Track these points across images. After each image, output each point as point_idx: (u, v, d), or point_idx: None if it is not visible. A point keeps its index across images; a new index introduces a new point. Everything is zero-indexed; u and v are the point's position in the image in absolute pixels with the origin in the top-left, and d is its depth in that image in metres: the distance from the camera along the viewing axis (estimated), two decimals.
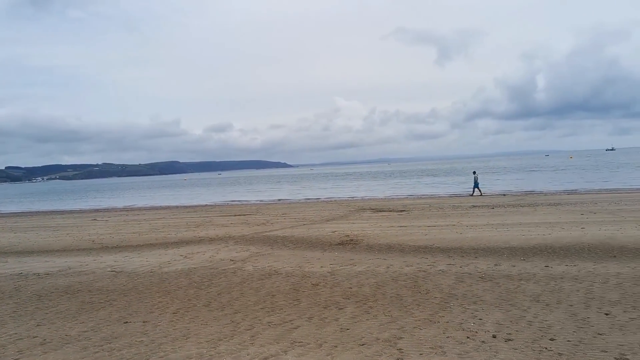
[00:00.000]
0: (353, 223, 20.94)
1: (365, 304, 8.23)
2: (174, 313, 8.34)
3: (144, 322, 7.92)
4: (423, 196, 42.58)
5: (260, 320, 7.66)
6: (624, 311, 7.04)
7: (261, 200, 49.82)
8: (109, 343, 6.95)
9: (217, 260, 13.15)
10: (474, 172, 41.08)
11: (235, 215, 28.89)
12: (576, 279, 9.06)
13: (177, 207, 45.63)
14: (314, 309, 8.12)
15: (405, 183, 73.03)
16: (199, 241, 17.37)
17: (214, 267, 12.25)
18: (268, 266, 11.95)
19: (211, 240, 17.49)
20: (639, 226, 15.05)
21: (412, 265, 11.06)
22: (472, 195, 38.30)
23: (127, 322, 7.99)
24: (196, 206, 44.73)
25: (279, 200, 49.49)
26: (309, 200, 45.98)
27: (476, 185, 38.66)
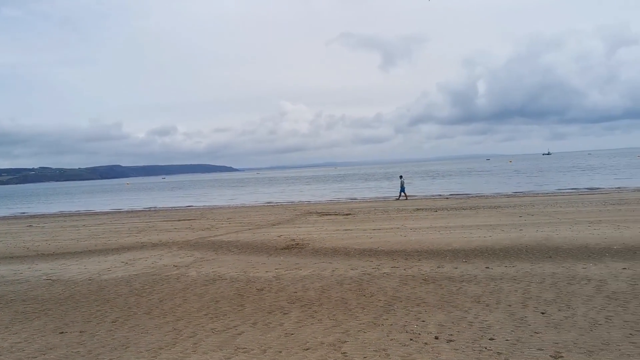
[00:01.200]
0: (299, 227, 20.90)
1: (310, 308, 8.20)
2: (112, 322, 8.07)
3: (80, 332, 7.63)
4: (368, 199, 42.99)
5: (203, 327, 7.51)
6: (559, 310, 7.28)
7: (206, 205, 49.11)
8: (44, 354, 6.66)
9: (159, 267, 12.84)
10: (401, 177, 41.96)
11: (179, 220, 28.35)
12: (514, 279, 9.32)
13: (118, 212, 44.41)
14: (259, 314, 8.03)
15: (351, 186, 73.63)
16: (141, 247, 16.93)
17: (157, 273, 11.96)
18: (212, 272, 11.76)
19: (154, 245, 17.08)
20: (572, 227, 15.65)
21: (357, 269, 11.11)
22: (398, 199, 39.03)
23: (63, 332, 7.67)
24: (139, 211, 43.67)
25: (225, 204, 48.92)
26: (255, 205, 45.64)
27: (402, 189, 39.50)
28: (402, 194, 39.52)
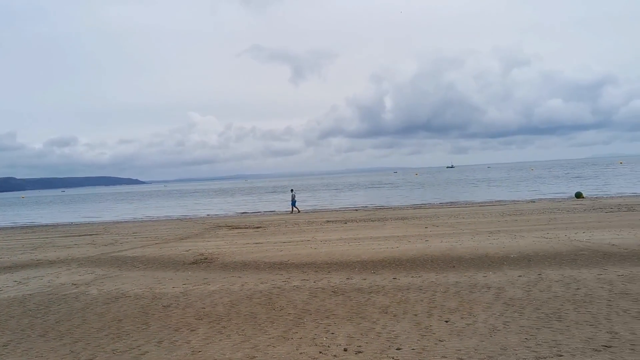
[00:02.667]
0: (208, 241, 20.48)
1: (218, 323, 8.01)
2: (4, 346, 7.47)
3: None
4: (279, 212, 42.97)
5: (103, 348, 7.12)
6: (462, 317, 7.55)
7: (110, 219, 47.09)
8: None
9: (56, 285, 12.09)
10: (292, 190, 42.63)
11: (80, 236, 26.93)
12: (420, 289, 9.58)
13: (11, 227, 41.59)
14: (164, 332, 7.73)
15: (261, 199, 73.33)
16: (37, 264, 15.88)
17: (53, 292, 11.24)
18: (115, 289, 11.22)
19: (51, 263, 16.07)
20: (474, 238, 16.38)
21: (266, 282, 11.01)
22: (292, 212, 39.56)
23: None
24: (35, 226, 41.12)
25: (130, 218, 47.13)
26: (162, 218, 44.32)
27: (293, 203, 40.12)
28: (294, 207, 40.07)
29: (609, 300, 8.01)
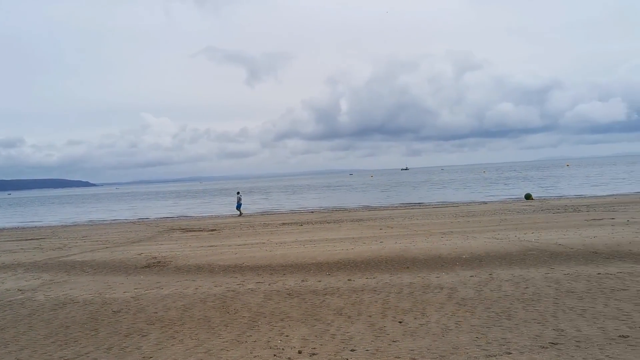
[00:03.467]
0: (161, 244, 20.12)
1: (171, 328, 7.86)
2: None
3: None
4: (234, 214, 42.64)
5: (51, 355, 6.89)
6: (415, 318, 7.64)
7: (58, 222, 45.72)
8: None
9: (1, 291, 11.64)
10: (238, 193, 42.51)
11: (26, 240, 26.03)
12: (375, 290, 9.65)
13: None
14: (114, 338, 7.54)
15: (216, 201, 72.59)
16: None
17: None
18: (63, 295, 10.88)
19: None
20: (427, 239, 16.62)
21: (221, 285, 10.89)
22: (240, 215, 39.53)
23: None
24: None
25: (80, 221, 45.88)
26: (113, 221, 43.32)
27: (239, 205, 40.10)
28: (238, 210, 40.03)
29: (556, 299, 8.25)
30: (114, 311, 9.16)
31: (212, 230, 25.88)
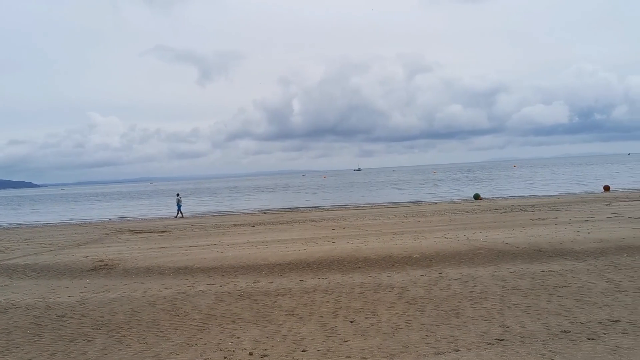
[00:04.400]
0: (109, 247, 19.61)
1: (118, 332, 7.66)
2: None
3: None
4: (185, 216, 42.02)
5: None
6: (366, 317, 7.70)
7: None
8: None
9: None
10: (178, 194, 42.10)
11: None
12: (327, 290, 9.67)
13: None
14: (58, 343, 7.29)
15: (167, 202, 71.36)
16: None
17: None
18: (4, 300, 10.45)
19: None
20: (379, 239, 16.79)
21: (171, 288, 10.69)
22: (177, 217, 39.13)
23: None
24: None
25: (23, 223, 44.27)
26: (58, 223, 41.98)
27: (179, 207, 39.75)
28: (179, 212, 39.60)
29: (502, 296, 8.47)
30: (58, 316, 8.87)
31: (163, 231, 25.42)
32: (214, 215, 40.47)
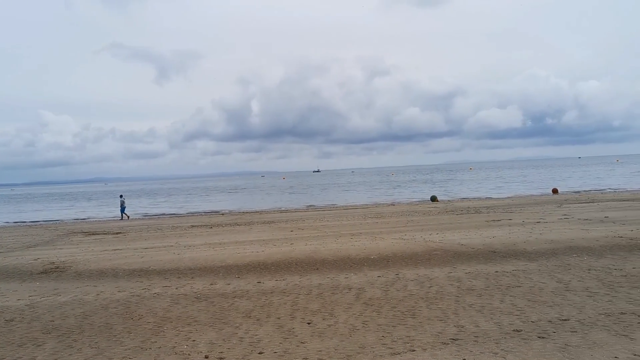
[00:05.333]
0: (60, 249, 19.05)
1: (69, 337, 7.45)
2: None
3: None
4: (140, 217, 41.24)
5: None
6: (323, 319, 7.71)
7: None
8: None
9: None
10: (121, 196, 41.45)
11: None
12: (284, 292, 9.64)
13: None
14: (6, 348, 7.04)
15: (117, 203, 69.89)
16: None
17: None
18: None
19: None
20: (337, 240, 16.85)
21: (125, 291, 10.47)
22: (121, 219, 38.56)
23: None
24: None
25: None
26: (6, 225, 40.61)
27: (123, 209, 39.18)
28: (123, 214, 38.98)
29: (457, 296, 8.61)
30: (6, 320, 8.57)
31: (117, 233, 24.87)
32: (171, 217, 39.87)
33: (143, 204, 66.36)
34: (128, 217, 38.94)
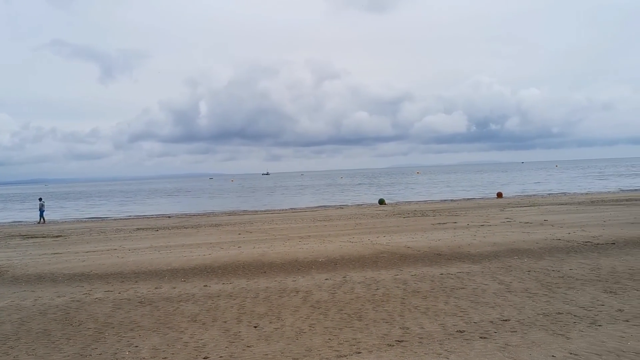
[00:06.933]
0: None
1: (4, 344, 7.13)
2: None
3: None
4: (83, 220, 40.03)
5: None
6: (270, 322, 7.66)
7: None
8: None
9: None
10: (40, 199, 40.33)
11: None
12: (231, 296, 9.53)
13: None
14: None
15: (65, 205, 67.69)
16: None
17: None
18: None
19: None
20: (285, 243, 16.80)
21: (65, 296, 10.11)
22: (39, 223, 37.52)
23: None
24: None
25: None
26: None
27: (41, 212, 38.20)
28: (41, 218, 37.89)
29: (403, 299, 8.72)
30: None
31: (58, 236, 24.05)
32: (115, 219, 38.85)
33: (85, 206, 64.46)
34: (44, 221, 37.56)
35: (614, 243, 13.69)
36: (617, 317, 7.20)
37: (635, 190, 47.15)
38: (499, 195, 45.45)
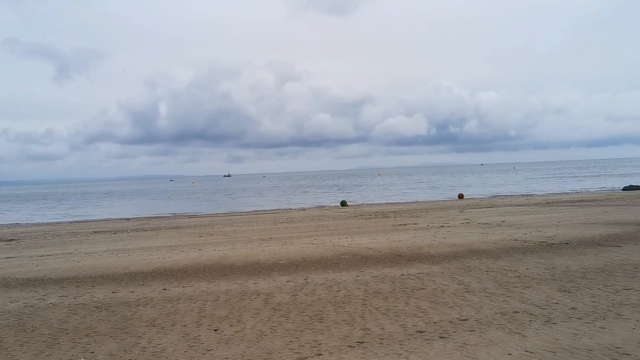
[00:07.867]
0: None
1: None
2: None
3: None
4: (38, 223, 38.92)
5: None
6: (231, 325, 7.58)
7: None
8: None
9: None
10: None
11: None
12: (191, 299, 9.40)
13: None
14: None
15: (17, 208, 65.71)
16: None
17: None
18: None
19: None
20: (247, 246, 16.68)
21: (17, 301, 9.79)
22: None
23: None
24: None
25: None
26: None
27: None
28: None
29: (364, 300, 8.76)
30: None
31: (10, 240, 23.28)
32: (70, 222, 37.87)
33: (39, 208, 62.71)
34: None
35: (567, 243, 14.08)
36: (570, 315, 7.39)
37: (588, 191, 48.63)
38: (461, 196, 46.23)
